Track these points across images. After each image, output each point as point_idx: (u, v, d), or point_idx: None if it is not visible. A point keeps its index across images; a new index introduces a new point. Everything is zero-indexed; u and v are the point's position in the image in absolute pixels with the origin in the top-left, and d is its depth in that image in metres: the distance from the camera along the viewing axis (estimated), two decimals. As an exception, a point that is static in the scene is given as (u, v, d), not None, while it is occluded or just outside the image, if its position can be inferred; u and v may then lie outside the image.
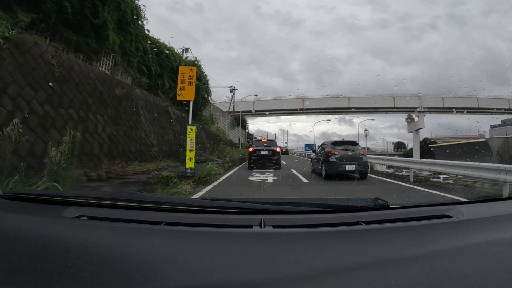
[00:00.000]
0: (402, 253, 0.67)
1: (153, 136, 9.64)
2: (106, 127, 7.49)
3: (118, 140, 7.80)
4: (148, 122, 10.22)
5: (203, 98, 15.80)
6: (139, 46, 11.28)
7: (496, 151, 27.70)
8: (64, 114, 5.94)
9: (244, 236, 0.76)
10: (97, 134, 7.01)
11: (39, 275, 0.56)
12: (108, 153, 7.07)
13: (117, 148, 7.61)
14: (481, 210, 1.04)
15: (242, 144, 28.51)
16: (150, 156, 9.29)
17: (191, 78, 7.15)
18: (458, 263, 0.63)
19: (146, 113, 9.99)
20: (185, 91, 7.16)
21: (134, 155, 8.25)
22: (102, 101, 7.74)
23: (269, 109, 36.49)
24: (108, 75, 8.49)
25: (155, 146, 9.54)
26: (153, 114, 10.06)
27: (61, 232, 0.76)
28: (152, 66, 11.36)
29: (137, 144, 8.86)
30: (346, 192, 5.96)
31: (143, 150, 9.09)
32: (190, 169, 6.83)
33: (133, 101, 9.59)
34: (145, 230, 0.77)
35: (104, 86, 8.05)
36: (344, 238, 0.75)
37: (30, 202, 0.99)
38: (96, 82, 7.68)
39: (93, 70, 7.79)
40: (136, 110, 9.54)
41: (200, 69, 15.35)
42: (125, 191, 2.78)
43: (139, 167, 7.66)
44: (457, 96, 33.55)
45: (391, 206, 0.96)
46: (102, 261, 0.62)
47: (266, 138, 13.46)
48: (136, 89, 9.88)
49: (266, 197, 4.16)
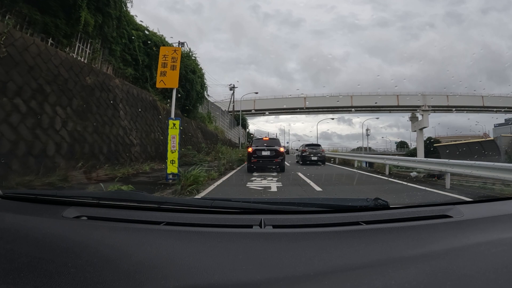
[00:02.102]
0: (402, 253, 0.68)
1: (134, 134, 7.95)
2: (68, 122, 6.37)
3: (84, 139, 6.73)
4: (129, 118, 9.15)
5: (198, 93, 14.01)
6: (123, 33, 10.12)
7: (504, 150, 27.09)
8: (6, 104, 4.96)
9: (244, 236, 0.77)
10: (53, 131, 5.92)
11: (39, 275, 0.57)
12: (67, 155, 6.00)
13: (81, 149, 6.54)
14: (481, 210, 1.04)
15: (242, 144, 28.23)
16: (129, 158, 8.39)
17: (174, 61, 6.37)
18: (458, 263, 0.63)
19: (127, 107, 8.95)
20: (167, 77, 5.77)
21: (106, 157, 7.24)
22: (66, 91, 6.62)
23: (270, 108, 35.45)
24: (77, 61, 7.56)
25: (137, 146, 7.86)
26: (137, 109, 8.37)
27: (61, 232, 0.76)
28: (139, 56, 9.69)
29: (111, 144, 7.77)
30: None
31: (119, 150, 8.07)
32: (172, 174, 4.94)
33: (110, 92, 8.45)
34: (145, 230, 0.78)
35: (71, 73, 6.99)
36: (344, 238, 0.76)
37: (30, 202, 0.99)
38: (59, 68, 6.62)
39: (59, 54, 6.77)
40: (113, 103, 8.45)
41: (195, 62, 13.46)
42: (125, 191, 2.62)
43: (111, 171, 6.45)
44: (461, 95, 33.50)
45: (391, 206, 0.96)
46: (102, 261, 0.63)
47: (267, 137, 11.90)
48: (115, 79, 8.43)
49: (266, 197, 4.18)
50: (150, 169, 7.98)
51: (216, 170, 8.51)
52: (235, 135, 32.20)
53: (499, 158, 21.71)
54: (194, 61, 14.70)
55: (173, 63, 5.92)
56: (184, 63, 13.62)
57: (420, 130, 34.50)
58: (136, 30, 10.64)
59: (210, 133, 20.12)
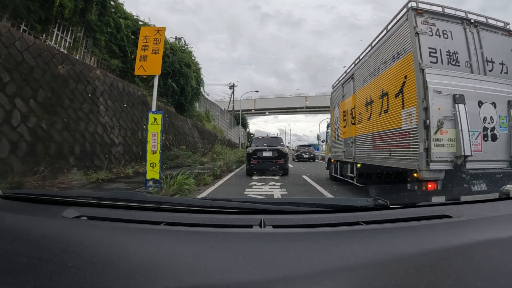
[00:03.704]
0: (402, 253, 0.69)
1: (117, 132, 6.89)
2: (30, 118, 5.48)
3: (50, 137, 5.84)
4: (111, 114, 8.29)
5: (193, 88, 12.79)
6: (108, 21, 9.11)
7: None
8: None
9: (244, 236, 0.78)
10: (9, 127, 5.03)
11: (39, 275, 0.59)
12: (26, 157, 5.13)
13: (46, 149, 5.64)
14: (481, 210, 1.05)
15: (242, 144, 28.12)
16: (108, 159, 7.52)
17: (157, 43, 5.49)
18: (458, 263, 0.64)
19: (110, 102, 8.55)
20: (147, 62, 4.69)
21: (78, 159, 6.37)
22: (30, 81, 5.75)
23: (271, 108, 34.36)
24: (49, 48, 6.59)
25: (119, 145, 6.78)
26: (122, 104, 7.26)
27: (61, 232, 0.78)
28: (127, 47, 8.62)
29: (86, 143, 6.89)
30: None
31: (96, 151, 7.17)
32: (153, 180, 3.62)
33: (89, 84, 7.60)
34: (145, 230, 0.80)
35: (39, 61, 6.10)
36: (344, 238, 0.78)
37: (30, 202, 1.00)
38: (24, 54, 5.76)
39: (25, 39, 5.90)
40: (92, 96, 7.57)
41: (190, 55, 12.30)
42: (125, 191, 2.22)
43: (82, 176, 5.55)
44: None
45: (391, 206, 0.98)
46: (102, 261, 0.64)
47: (269, 136, 10.97)
48: (96, 70, 8.26)
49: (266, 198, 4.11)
50: (133, 172, 7.01)
51: (211, 173, 7.34)
52: (235, 135, 31.57)
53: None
54: (189, 54, 13.57)
55: (156, 45, 4.91)
56: (178, 57, 12.53)
57: None
58: (125, 19, 9.52)
59: (208, 132, 19.25)
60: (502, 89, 3.71)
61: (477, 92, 3.57)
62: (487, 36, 3.90)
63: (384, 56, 4.44)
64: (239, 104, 31.19)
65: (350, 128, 6.10)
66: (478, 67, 3.75)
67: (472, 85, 3.57)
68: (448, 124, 3.38)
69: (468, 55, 3.74)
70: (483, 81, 3.65)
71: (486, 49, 3.82)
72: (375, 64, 4.79)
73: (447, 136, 3.40)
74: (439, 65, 3.56)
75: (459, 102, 3.40)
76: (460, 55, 3.70)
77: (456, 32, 3.76)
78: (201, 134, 17.64)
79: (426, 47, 3.57)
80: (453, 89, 3.45)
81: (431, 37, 3.61)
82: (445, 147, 3.41)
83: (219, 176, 8.29)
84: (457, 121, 3.35)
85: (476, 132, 3.54)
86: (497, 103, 3.65)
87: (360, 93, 5.51)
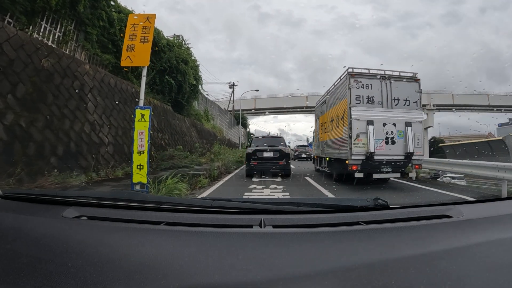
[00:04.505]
0: (402, 253, 0.69)
1: (106, 130, 6.42)
2: (7, 115, 4.98)
3: (29, 136, 5.35)
4: (101, 111, 7.75)
5: (191, 85, 12.27)
6: (101, 14, 8.55)
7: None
8: None
9: (244, 236, 0.78)
10: None
11: (39, 275, 0.59)
12: (1, 156, 4.62)
13: (24, 149, 5.14)
14: (481, 210, 1.06)
15: (242, 143, 27.72)
16: (96, 160, 6.91)
17: (146, 32, 4.77)
18: (458, 263, 0.64)
19: (100, 98, 8.02)
20: (135, 53, 4.74)
21: (61, 160, 5.81)
22: (9, 74, 5.24)
23: (271, 107, 34.15)
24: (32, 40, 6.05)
25: (109, 145, 6.25)
26: (113, 101, 6.72)
27: (61, 232, 0.78)
28: (121, 42, 7.85)
29: (71, 143, 6.36)
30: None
31: (82, 151, 6.65)
32: (140, 184, 3.01)
33: (77, 80, 7.12)
34: (145, 230, 0.80)
35: (20, 53, 5.63)
36: (344, 238, 0.79)
37: (30, 202, 1.00)
38: (3, 46, 5.23)
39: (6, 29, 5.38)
40: (79, 92, 7.08)
41: (187, 51, 11.75)
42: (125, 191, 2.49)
43: (63, 179, 5.01)
44: (467, 93, 32.86)
45: (391, 206, 0.98)
46: (102, 261, 0.64)
47: (269, 135, 10.43)
48: (85, 65, 7.77)
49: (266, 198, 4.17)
50: (124, 174, 6.63)
51: (207, 175, 6.83)
52: (235, 135, 31.32)
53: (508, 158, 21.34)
54: (186, 51, 13.04)
55: (144, 34, 4.38)
56: (175, 53, 12.03)
57: (425, 130, 34.19)
58: (118, 13, 9.01)
59: (207, 132, 18.84)
60: (402, 115, 6.50)
61: (383, 118, 6.41)
62: (397, 83, 6.68)
63: (337, 95, 7.74)
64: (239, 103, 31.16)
65: (324, 135, 9.32)
66: (387, 104, 6.57)
67: (380, 114, 6.42)
68: (362, 135, 6.26)
69: (381, 97, 6.58)
70: (388, 112, 6.49)
71: (394, 92, 6.63)
72: (333, 98, 8.16)
73: (361, 142, 6.26)
74: (361, 105, 6.47)
75: (369, 124, 6.26)
76: (375, 98, 6.56)
77: (375, 84, 6.60)
78: (199, 134, 17.30)
79: (354, 95, 6.50)
80: (367, 117, 6.31)
81: (357, 89, 6.49)
82: (360, 148, 6.27)
83: (217, 178, 7.98)
84: (368, 134, 6.21)
85: (381, 139, 6.31)
86: (397, 123, 6.43)
87: (328, 113, 8.73)
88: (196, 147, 14.00)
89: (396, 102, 6.57)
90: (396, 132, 6.33)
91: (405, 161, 6.39)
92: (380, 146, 6.22)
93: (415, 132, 6.42)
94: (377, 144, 6.21)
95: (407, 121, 6.36)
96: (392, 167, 6.34)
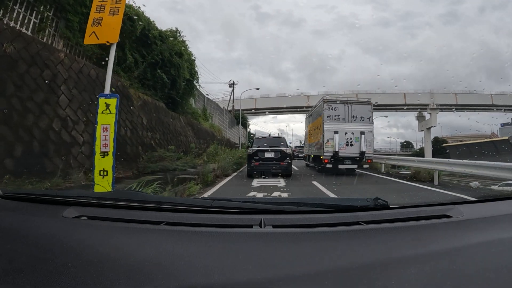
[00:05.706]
0: (402, 253, 0.69)
1: (82, 128, 5.28)
2: None
3: None
4: (76, 106, 6.70)
5: (186, 80, 11.21)
6: (84, 0, 7.50)
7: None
8: None
9: (244, 236, 0.79)
10: None
11: (39, 275, 0.58)
12: None
13: None
14: (481, 210, 1.06)
15: (242, 144, 27.00)
16: (66, 163, 5.73)
17: (117, 2, 3.70)
18: (458, 263, 0.63)
19: (76, 91, 6.84)
20: (102, 27, 3.66)
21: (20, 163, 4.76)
22: None
23: (272, 107, 33.59)
24: None
25: (83, 145, 5.12)
26: (92, 95, 5.79)
27: (61, 232, 0.78)
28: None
29: (35, 142, 5.29)
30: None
31: (49, 152, 5.53)
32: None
33: (48, 69, 6.09)
34: (145, 230, 0.80)
35: None
36: (344, 238, 0.79)
37: (30, 202, 1.00)
38: None
39: None
40: (50, 83, 6.01)
41: (182, 44, 10.70)
42: (125, 191, 2.42)
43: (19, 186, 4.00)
44: (470, 93, 31.60)
45: (391, 206, 0.98)
46: (102, 261, 0.64)
47: (271, 136, 10.53)
48: (59, 52, 6.69)
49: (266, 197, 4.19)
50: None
51: (199, 180, 5.79)
52: (235, 135, 30.56)
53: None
54: (180, 43, 11.94)
55: (115, 4, 3.29)
56: (169, 44, 11.01)
57: (428, 130, 34.72)
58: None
59: (205, 131, 17.95)
60: (358, 127, 9.77)
61: (345, 129, 9.71)
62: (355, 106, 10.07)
63: (317, 113, 11.39)
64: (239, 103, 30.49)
65: (310, 139, 13.24)
66: (348, 120, 9.87)
67: (343, 127, 9.73)
68: (331, 140, 9.60)
69: (344, 115, 9.93)
70: (349, 125, 9.78)
71: (353, 112, 9.94)
72: (315, 114, 11.92)
73: (330, 145, 9.61)
74: (330, 121, 9.84)
75: (335, 133, 9.64)
76: (340, 116, 9.92)
77: (341, 107, 9.99)
78: (196, 133, 16.38)
79: (326, 115, 9.93)
80: (334, 128, 9.65)
81: (329, 110, 9.91)
82: (330, 148, 9.61)
83: (211, 183, 7.03)
84: (335, 139, 9.55)
85: (343, 143, 9.60)
86: (354, 132, 9.71)
87: (312, 124, 12.57)
88: (191, 147, 12.99)
89: (354, 119, 9.94)
90: (354, 138, 9.69)
91: (360, 157, 9.72)
92: (342, 147, 9.54)
93: (367, 138, 9.74)
94: (340, 146, 9.53)
95: (361, 131, 9.72)
96: (351, 160, 9.65)
